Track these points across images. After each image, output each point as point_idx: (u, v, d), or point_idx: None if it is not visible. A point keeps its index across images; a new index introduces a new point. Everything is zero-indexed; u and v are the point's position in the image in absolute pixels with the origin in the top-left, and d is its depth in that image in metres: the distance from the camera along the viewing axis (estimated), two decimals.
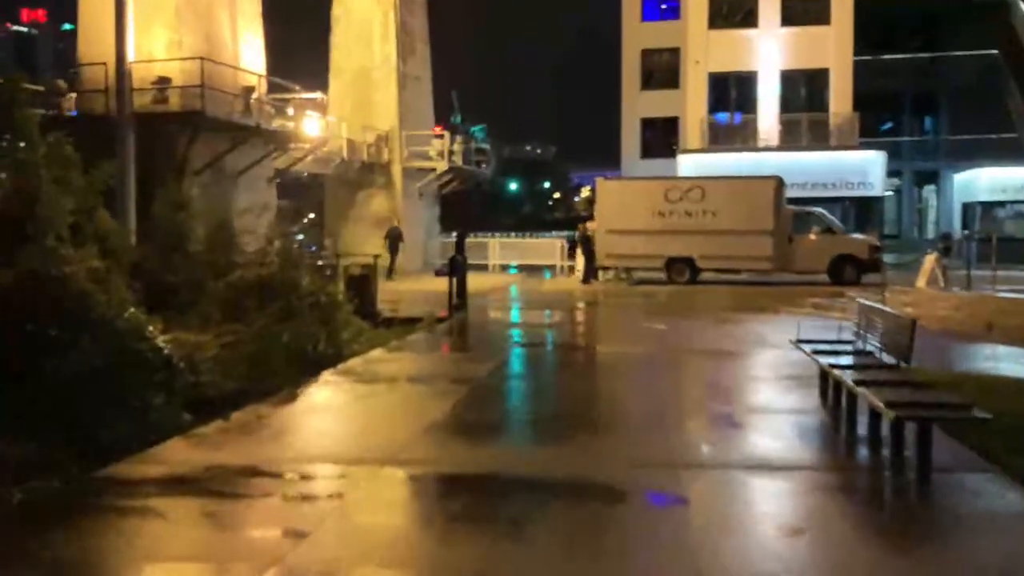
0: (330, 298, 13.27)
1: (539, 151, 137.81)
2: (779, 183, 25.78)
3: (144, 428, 8.04)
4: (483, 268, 33.34)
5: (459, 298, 18.98)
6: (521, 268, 33.00)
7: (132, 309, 9.20)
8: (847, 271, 25.18)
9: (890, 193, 38.14)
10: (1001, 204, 38.39)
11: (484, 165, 38.96)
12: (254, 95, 21.82)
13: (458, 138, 34.81)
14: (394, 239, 28.98)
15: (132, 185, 18.82)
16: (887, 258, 26.08)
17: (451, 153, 33.38)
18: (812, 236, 25.64)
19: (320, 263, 20.87)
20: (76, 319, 8.31)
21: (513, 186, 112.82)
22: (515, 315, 19.03)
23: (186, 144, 20.19)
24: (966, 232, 18.19)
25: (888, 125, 42.32)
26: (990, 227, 37.70)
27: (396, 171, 32.35)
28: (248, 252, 15.27)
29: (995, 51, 37.64)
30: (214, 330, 12.10)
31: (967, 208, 39.99)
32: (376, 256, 19.95)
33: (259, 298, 12.74)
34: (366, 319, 17.95)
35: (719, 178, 26.99)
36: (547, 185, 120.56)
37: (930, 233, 44.30)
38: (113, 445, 7.40)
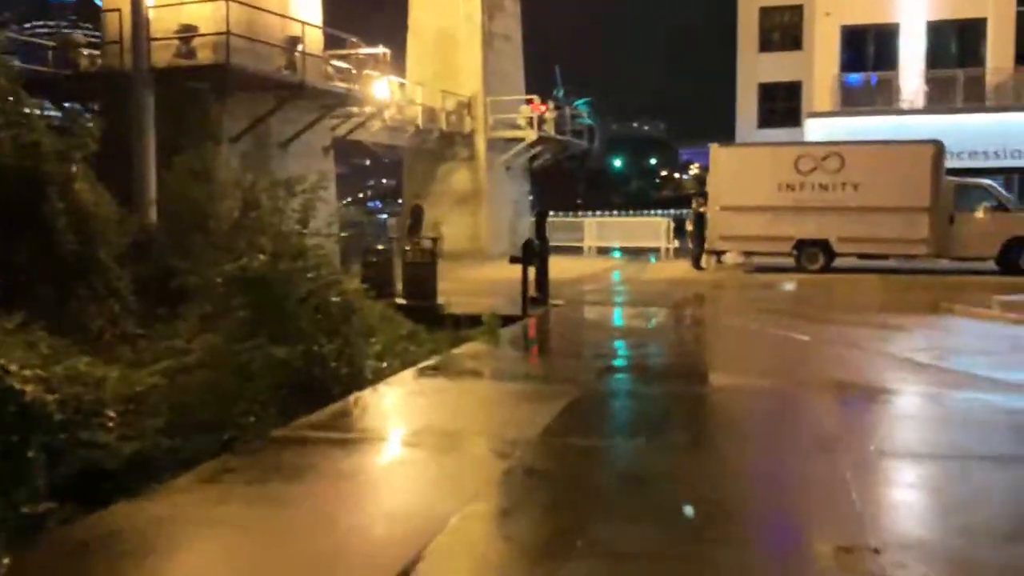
0: (344, 298, 9.77)
1: (647, 127, 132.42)
2: (938, 149, 20.99)
3: None
4: (578, 251, 29.66)
5: (539, 292, 15.29)
6: (624, 251, 29.01)
7: None
8: None
9: None
10: None
11: (585, 137, 34.94)
12: (299, 47, 18.46)
13: (549, 104, 30.91)
14: (415, 219, 25.11)
15: (151, 152, 15.83)
16: None
17: (542, 121, 29.53)
18: (979, 214, 20.76)
19: (380, 248, 17.60)
20: None
21: (618, 163, 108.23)
22: (605, 316, 15.15)
23: (217, 104, 17.02)
24: None
25: None
26: None
27: (480, 142, 28.74)
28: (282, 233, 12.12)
29: None
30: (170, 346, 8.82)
31: None
32: (435, 239, 16.44)
33: (249, 299, 9.38)
34: (422, 317, 14.61)
35: (862, 143, 22.30)
36: (654, 162, 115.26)
37: None
38: None
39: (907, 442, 6.24)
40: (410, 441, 5.99)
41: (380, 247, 17.26)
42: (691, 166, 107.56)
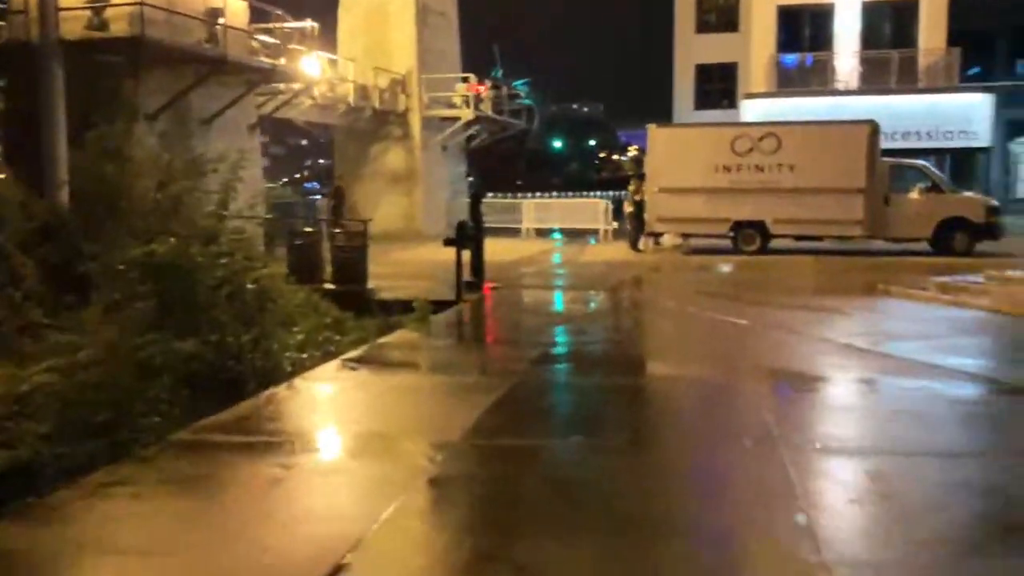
0: (260, 285, 9.18)
1: (586, 109, 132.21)
2: (873, 129, 20.95)
3: None
4: (516, 233, 29.23)
5: (474, 276, 14.80)
6: (563, 233, 28.63)
7: None
8: (958, 239, 20.41)
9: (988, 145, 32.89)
10: None
11: (523, 118, 34.40)
12: (221, 20, 17.57)
13: (486, 83, 30.33)
14: (338, 200, 24.28)
15: (61, 130, 14.89)
16: None
17: (479, 101, 28.92)
18: (914, 195, 20.82)
19: (307, 231, 16.91)
20: None
21: (558, 144, 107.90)
22: (541, 300, 14.73)
23: (132, 79, 16.10)
24: None
25: (976, 70, 36.74)
26: None
27: (414, 120, 28.03)
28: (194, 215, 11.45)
29: None
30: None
31: None
32: (367, 221, 15.81)
33: (158, 286, 8.73)
34: (352, 303, 14.05)
35: (798, 124, 22.20)
36: (593, 144, 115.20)
37: (1020, 192, 39.04)
38: None
39: (852, 437, 5.92)
40: (322, 445, 5.48)
41: (307, 229, 16.58)
42: (630, 148, 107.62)
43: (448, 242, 14.65)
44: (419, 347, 9.39)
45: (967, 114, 28.61)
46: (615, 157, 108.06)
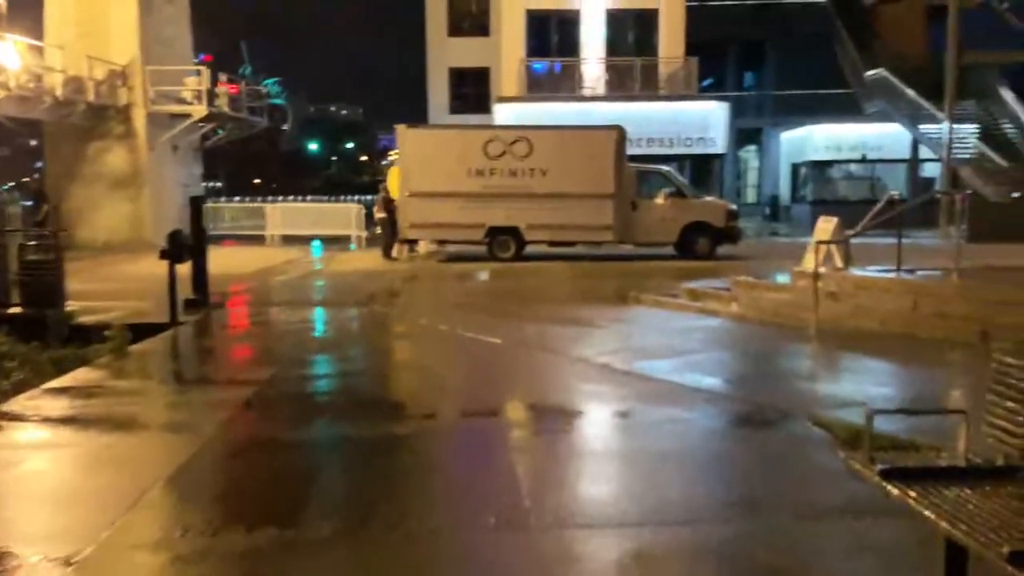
0: None
1: (345, 111, 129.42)
2: (620, 135, 20.99)
3: None
4: (260, 240, 27.20)
5: (196, 293, 12.92)
6: (320, 239, 26.82)
7: None
8: (700, 243, 20.89)
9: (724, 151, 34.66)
10: (832, 164, 35.68)
11: (265, 115, 32.09)
12: None
13: (222, 76, 27.90)
14: (40, 206, 21.29)
15: None
16: None
17: (214, 96, 26.46)
18: (659, 201, 21.05)
19: None
20: None
21: (314, 146, 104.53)
22: (273, 321, 13.02)
23: None
24: (894, 193, 14.06)
25: (709, 81, 38.78)
26: (822, 188, 35.27)
27: (138, 116, 25.14)
28: None
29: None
30: None
31: (796, 168, 37.42)
32: (58, 231, 13.41)
33: None
34: (41, 330, 11.78)
35: (549, 128, 21.85)
36: (350, 146, 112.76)
37: (750, 197, 41.73)
38: None
39: (612, 500, 4.85)
40: None
41: None
42: (390, 152, 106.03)
43: (164, 255, 12.69)
44: (99, 392, 7.53)
45: (705, 122, 29.77)
46: (375, 161, 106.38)
